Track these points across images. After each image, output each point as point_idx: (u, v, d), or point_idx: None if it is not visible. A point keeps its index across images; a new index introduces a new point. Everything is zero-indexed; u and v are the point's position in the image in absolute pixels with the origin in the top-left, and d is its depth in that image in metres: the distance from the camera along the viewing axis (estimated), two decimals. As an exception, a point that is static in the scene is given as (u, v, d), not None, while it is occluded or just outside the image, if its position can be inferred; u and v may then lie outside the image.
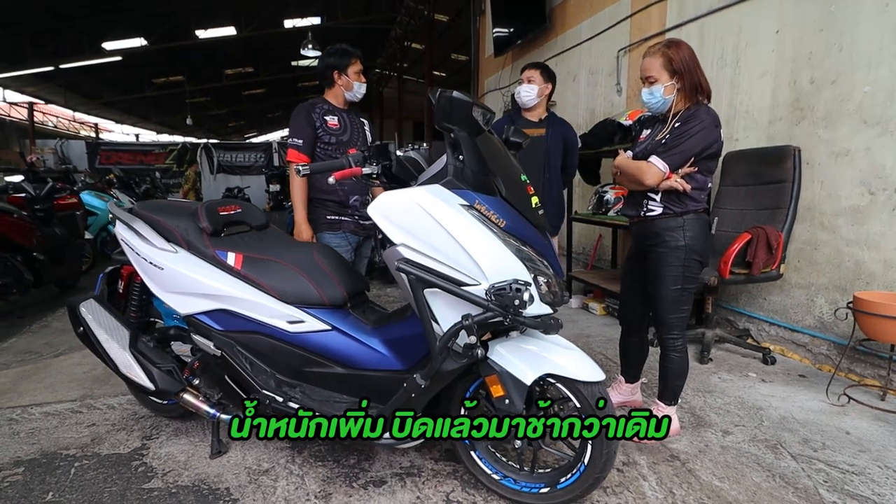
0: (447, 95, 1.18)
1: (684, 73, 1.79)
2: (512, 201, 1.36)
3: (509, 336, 1.41)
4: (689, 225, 1.83)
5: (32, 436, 2.07)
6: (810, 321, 2.79)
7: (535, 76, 2.69)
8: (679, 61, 1.79)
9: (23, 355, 3.14)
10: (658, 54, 1.82)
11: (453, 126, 1.22)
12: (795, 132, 2.85)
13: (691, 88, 1.81)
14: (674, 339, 1.87)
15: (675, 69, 1.80)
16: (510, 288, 1.21)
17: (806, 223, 2.78)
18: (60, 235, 4.45)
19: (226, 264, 1.65)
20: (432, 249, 1.29)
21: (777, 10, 2.93)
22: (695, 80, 1.81)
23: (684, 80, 1.80)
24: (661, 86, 1.81)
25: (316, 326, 1.61)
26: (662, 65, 1.81)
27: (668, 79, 1.81)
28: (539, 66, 2.76)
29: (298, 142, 2.20)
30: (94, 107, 15.56)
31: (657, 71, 1.82)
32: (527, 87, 2.69)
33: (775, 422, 2.14)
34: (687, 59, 1.80)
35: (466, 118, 1.20)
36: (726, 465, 1.82)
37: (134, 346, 1.80)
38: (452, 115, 1.19)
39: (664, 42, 1.85)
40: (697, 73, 1.81)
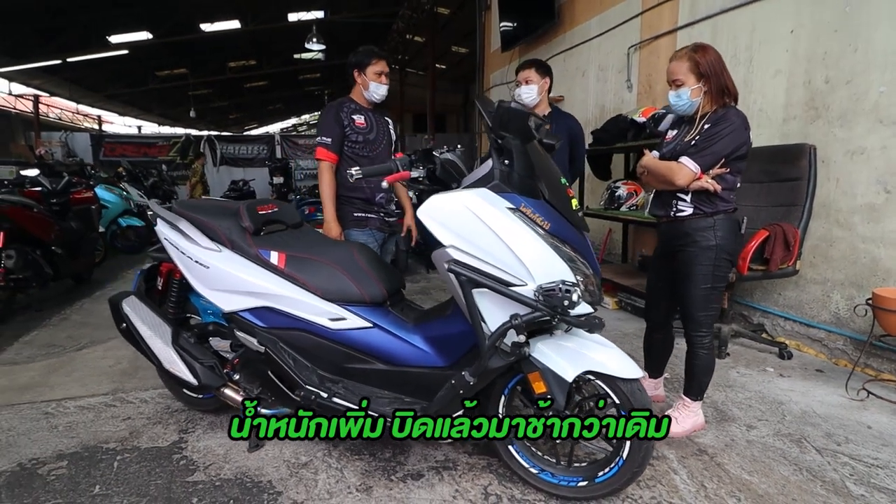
0: (505, 107, 1.22)
1: (710, 76, 1.83)
2: (554, 203, 1.40)
3: (552, 334, 1.46)
4: (720, 225, 1.86)
5: (71, 429, 2.12)
6: (826, 316, 2.84)
7: (532, 75, 2.66)
8: (706, 65, 1.83)
9: (46, 348, 3.19)
10: (685, 58, 1.85)
11: (507, 134, 1.25)
12: (810, 131, 2.88)
13: (718, 91, 1.85)
14: (702, 336, 1.92)
15: (701, 72, 1.83)
16: (559, 289, 1.26)
17: (821, 220, 2.83)
18: (76, 229, 4.49)
19: (269, 263, 1.69)
20: (480, 251, 1.33)
21: (792, 11, 2.95)
22: (721, 83, 1.84)
23: (711, 83, 1.84)
24: (688, 89, 1.85)
25: (357, 324, 1.65)
26: (689, 68, 1.85)
27: (694, 82, 1.85)
28: (532, 63, 2.71)
29: (327, 140, 2.24)
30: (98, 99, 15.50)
31: (684, 74, 1.86)
32: (527, 89, 2.66)
33: (797, 416, 2.20)
34: (713, 62, 1.83)
35: (521, 127, 1.24)
36: (754, 459, 1.87)
37: (176, 341, 1.84)
38: (509, 125, 1.23)
39: (691, 46, 1.88)
40: (724, 76, 1.85)
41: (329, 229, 2.26)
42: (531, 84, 2.64)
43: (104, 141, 11.89)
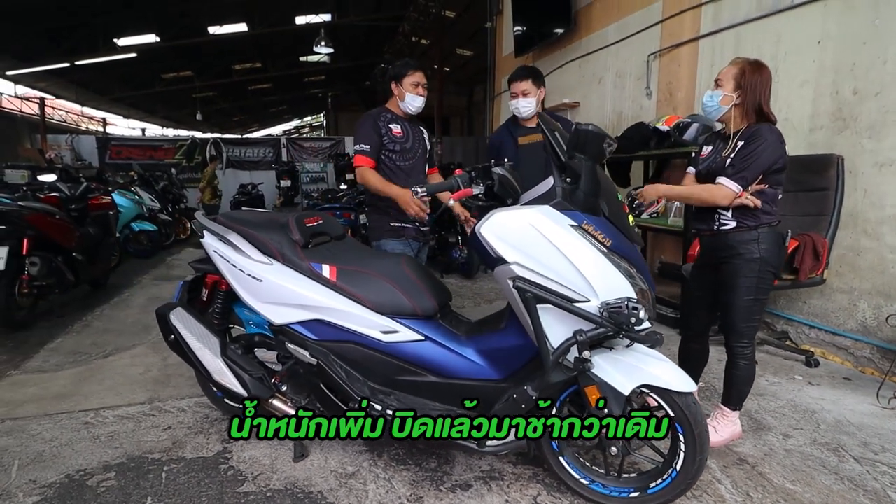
0: (584, 129, 1.24)
1: (748, 91, 1.85)
2: (614, 220, 1.43)
3: (613, 349, 1.48)
4: (764, 238, 1.88)
5: (113, 440, 2.13)
6: (853, 325, 2.87)
7: (529, 87, 2.56)
8: (748, 79, 1.85)
9: (73, 356, 3.20)
10: (737, 65, 1.89)
11: (581, 154, 1.27)
12: (837, 141, 2.91)
13: (751, 107, 1.86)
14: (743, 347, 1.94)
15: (741, 84, 1.85)
16: (626, 306, 1.28)
17: (849, 230, 2.85)
18: (94, 235, 4.50)
19: (321, 276, 1.71)
20: (544, 268, 1.35)
21: (819, 22, 2.98)
22: (756, 102, 1.86)
23: (745, 98, 1.86)
24: (722, 93, 1.88)
25: (409, 336, 1.67)
26: (734, 75, 1.88)
27: (731, 89, 1.87)
28: (528, 74, 2.60)
29: (366, 147, 2.26)
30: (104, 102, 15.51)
31: (726, 78, 1.89)
32: (525, 102, 2.58)
33: (831, 425, 2.22)
34: (757, 81, 1.85)
35: (597, 149, 1.26)
36: (794, 469, 1.90)
37: (225, 353, 1.85)
38: (585, 146, 1.25)
39: (752, 60, 1.90)
40: (762, 97, 1.86)
41: (405, 200, 2.14)
42: (529, 97, 2.57)
43: (110, 144, 11.87)
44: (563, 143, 1.37)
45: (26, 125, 13.46)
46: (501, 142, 2.75)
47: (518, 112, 2.66)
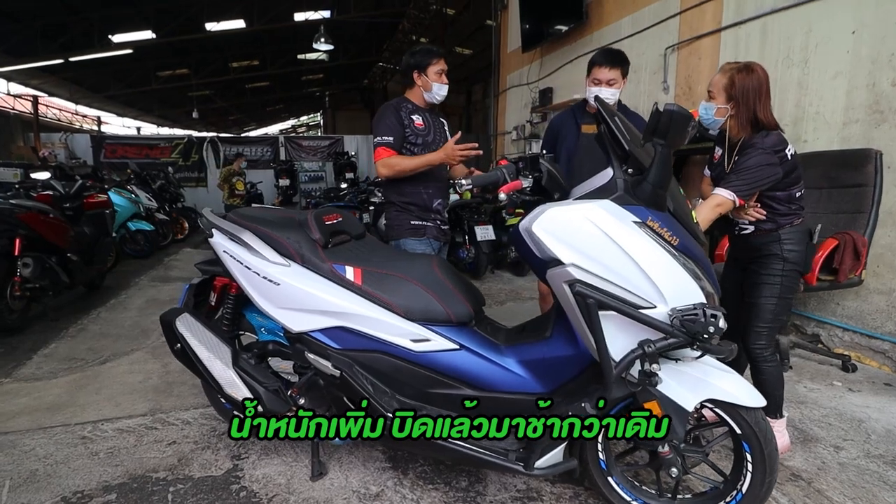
0: (672, 109, 1.09)
1: (740, 102, 1.74)
2: (679, 216, 1.28)
3: (678, 360, 1.33)
4: (788, 237, 1.81)
5: (113, 456, 1.96)
6: (891, 327, 2.74)
7: (618, 77, 2.22)
8: (739, 89, 1.74)
9: (68, 362, 3.02)
10: (726, 74, 1.78)
11: (661, 140, 1.12)
12: (874, 135, 2.78)
13: (746, 119, 1.76)
14: (762, 348, 1.84)
15: (731, 95, 1.74)
16: (704, 314, 1.13)
17: (887, 228, 2.73)
18: (90, 235, 4.32)
19: (345, 279, 1.55)
20: (605, 270, 1.20)
21: (853, 10, 2.85)
22: (750, 113, 1.74)
23: (738, 109, 1.75)
24: (715, 106, 1.79)
25: (443, 345, 1.52)
26: (724, 86, 1.77)
27: (723, 101, 1.78)
28: (618, 61, 2.24)
29: (389, 139, 2.09)
30: (98, 100, 15.22)
31: (717, 90, 1.79)
32: (609, 92, 2.21)
33: (882, 435, 2.09)
34: (749, 89, 1.73)
35: (681, 133, 1.11)
36: (853, 485, 1.76)
37: (236, 363, 1.69)
38: (669, 129, 1.10)
39: (740, 64, 1.78)
40: (757, 105, 1.73)
41: (448, 152, 1.99)
42: (615, 87, 2.21)
43: (105, 142, 11.64)
44: (626, 130, 1.22)
45: (19, 123, 13.20)
46: (562, 126, 2.46)
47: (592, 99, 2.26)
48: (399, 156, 2.06)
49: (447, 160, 2.01)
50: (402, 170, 2.05)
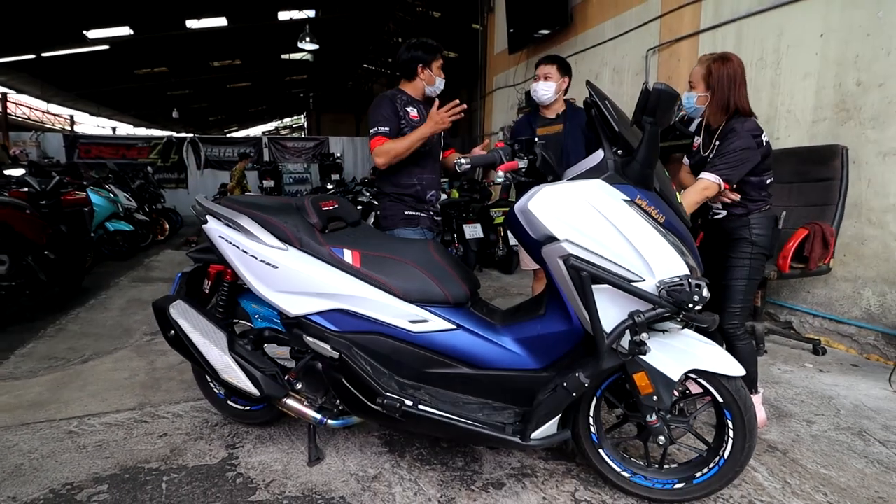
0: (661, 88, 1.16)
1: (716, 89, 1.86)
2: (665, 195, 1.35)
3: (664, 332, 1.40)
4: (756, 222, 1.93)
5: (102, 449, 1.93)
6: (857, 313, 2.90)
7: (553, 72, 2.52)
8: (715, 78, 1.86)
9: (48, 361, 2.95)
10: (704, 64, 1.90)
11: (651, 119, 1.19)
12: (840, 132, 2.95)
13: (720, 106, 1.87)
14: (735, 328, 1.95)
15: (708, 83, 1.86)
16: (689, 284, 1.20)
17: (853, 219, 2.88)
18: (67, 233, 4.21)
19: (343, 262, 1.58)
20: (598, 245, 1.27)
21: (821, 15, 3.02)
22: (724, 100, 1.86)
23: (714, 96, 1.87)
24: (696, 94, 1.91)
25: (441, 326, 1.56)
26: (702, 75, 1.90)
27: (703, 89, 1.90)
28: (555, 60, 2.57)
29: (385, 129, 2.11)
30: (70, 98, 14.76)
31: (696, 79, 1.91)
32: (544, 85, 2.52)
33: (850, 410, 2.21)
34: (723, 76, 1.84)
35: (668, 111, 1.18)
36: (825, 454, 1.87)
37: (233, 349, 1.70)
38: (657, 107, 1.17)
39: (716, 55, 1.90)
40: (731, 93, 1.85)
41: (435, 119, 2.03)
42: (550, 80, 2.51)
43: (79, 142, 11.33)
44: (616, 112, 1.29)
45: (-14, 122, 12.71)
46: (521, 130, 2.72)
47: (535, 95, 2.59)
48: (392, 140, 2.09)
49: (438, 127, 2.03)
50: (398, 152, 2.06)
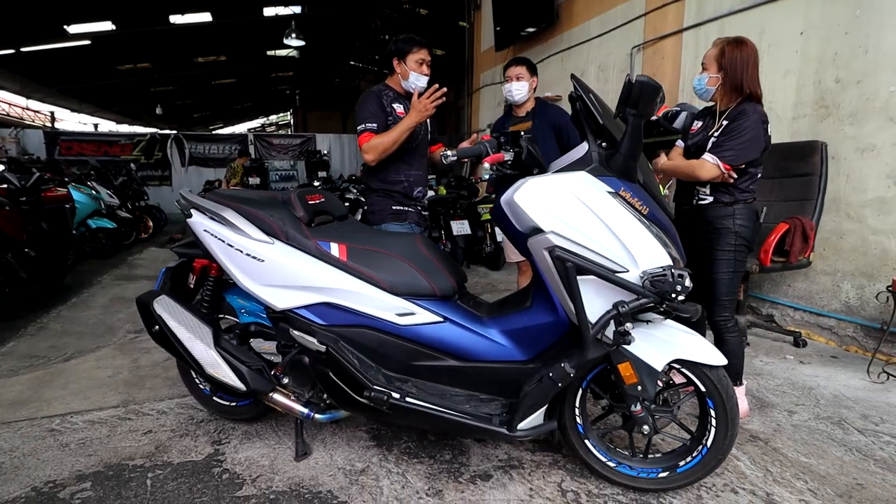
0: (643, 80, 1.17)
1: (728, 70, 1.88)
2: (648, 187, 1.37)
3: (648, 323, 1.42)
4: (739, 213, 1.95)
5: (85, 447, 1.91)
6: (836, 305, 2.96)
7: (523, 72, 2.63)
8: (728, 59, 1.88)
9: (28, 360, 2.89)
10: (718, 46, 1.92)
11: (634, 111, 1.20)
12: (820, 128, 3.01)
13: (732, 87, 1.90)
14: (726, 319, 1.98)
15: (721, 64, 1.88)
16: (671, 275, 1.22)
17: (832, 214, 2.95)
18: (48, 230, 4.12)
19: (330, 255, 1.58)
20: (583, 237, 1.28)
21: (801, 13, 3.08)
22: (736, 81, 1.88)
23: (726, 77, 1.89)
24: (707, 75, 1.93)
25: (428, 318, 1.56)
26: (715, 57, 1.92)
27: (714, 71, 1.92)
28: (523, 61, 2.69)
29: (372, 125, 2.11)
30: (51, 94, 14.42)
31: (709, 61, 1.93)
32: (518, 85, 2.63)
33: (829, 400, 2.27)
34: (738, 59, 1.87)
35: (650, 103, 1.20)
36: (805, 443, 1.91)
37: (218, 343, 1.69)
38: (640, 99, 1.18)
39: (731, 38, 1.92)
40: (744, 75, 1.87)
41: (418, 107, 2.02)
42: (522, 80, 2.62)
43: (60, 139, 11.08)
44: (599, 105, 1.31)
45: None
46: (497, 130, 2.75)
47: (511, 96, 2.66)
48: (379, 135, 2.08)
49: (422, 115, 2.03)
50: (386, 146, 2.05)
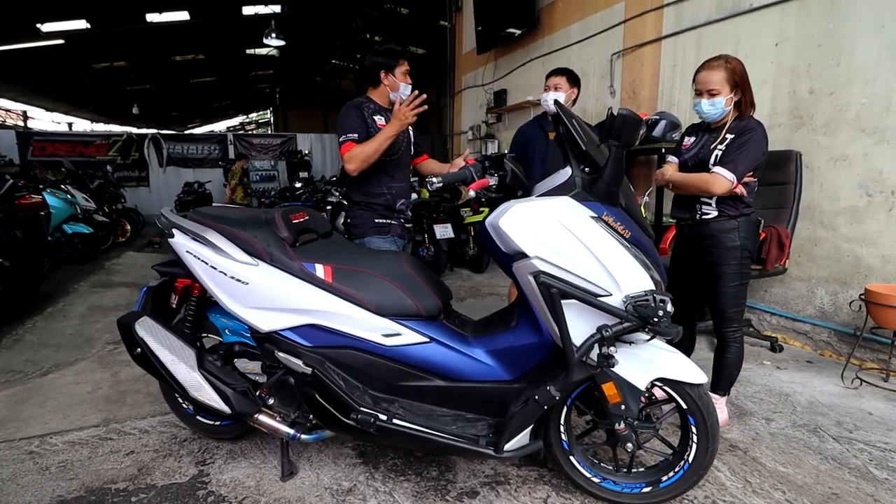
0: (625, 114, 1.19)
1: (744, 87, 1.92)
2: (630, 211, 1.40)
3: (632, 343, 1.45)
4: (743, 226, 1.98)
5: (66, 470, 1.86)
6: (811, 311, 3.06)
7: (562, 83, 2.70)
8: (740, 75, 1.91)
9: (4, 375, 2.81)
10: (721, 68, 1.92)
11: (617, 142, 1.22)
12: (794, 138, 3.09)
13: (749, 101, 1.94)
14: (733, 331, 2.01)
15: (736, 82, 1.91)
16: (653, 299, 1.25)
17: (806, 221, 3.04)
18: (23, 238, 4.00)
19: (315, 277, 1.57)
20: (567, 262, 1.30)
21: (776, 25, 3.15)
22: (750, 95, 1.94)
23: (744, 94, 1.92)
24: (724, 98, 1.93)
25: (414, 339, 1.56)
26: (725, 78, 1.92)
27: (728, 91, 1.93)
28: (565, 71, 2.76)
29: (354, 136, 2.09)
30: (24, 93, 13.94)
31: (720, 84, 1.92)
32: (554, 95, 2.67)
33: (806, 407, 2.34)
34: (745, 74, 1.92)
35: (632, 135, 1.22)
36: (782, 451, 1.97)
37: (202, 365, 1.66)
38: (622, 132, 1.20)
39: (723, 58, 1.95)
40: (750, 88, 1.93)
41: (398, 116, 1.99)
42: (560, 91, 2.67)
43: (33, 139, 10.74)
44: (582, 132, 1.32)
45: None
46: (531, 135, 2.78)
47: (546, 105, 2.70)
48: (360, 145, 2.06)
49: (403, 124, 2.02)
50: (367, 155, 2.03)
